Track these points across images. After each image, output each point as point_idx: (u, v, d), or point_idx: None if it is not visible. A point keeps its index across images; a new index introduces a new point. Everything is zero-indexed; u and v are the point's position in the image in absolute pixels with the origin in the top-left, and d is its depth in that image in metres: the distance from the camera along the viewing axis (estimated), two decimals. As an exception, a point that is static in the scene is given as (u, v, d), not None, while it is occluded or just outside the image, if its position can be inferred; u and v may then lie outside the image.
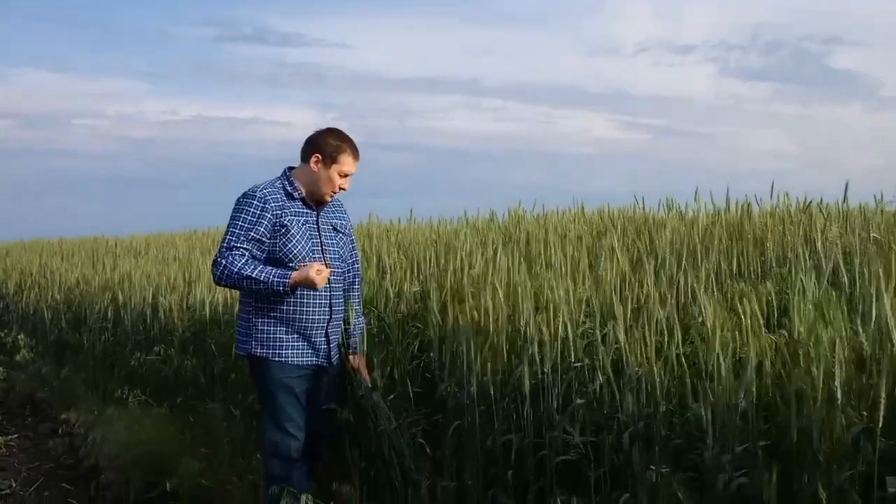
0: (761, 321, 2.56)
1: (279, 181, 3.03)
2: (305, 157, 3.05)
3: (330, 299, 3.04)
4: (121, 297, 5.93)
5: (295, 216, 2.97)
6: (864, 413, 2.03)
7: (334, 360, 3.09)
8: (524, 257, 3.44)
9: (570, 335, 2.82)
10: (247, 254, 2.92)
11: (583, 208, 4.85)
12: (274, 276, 2.89)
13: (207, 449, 3.95)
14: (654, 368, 2.52)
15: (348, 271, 3.16)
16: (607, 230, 4.02)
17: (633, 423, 2.53)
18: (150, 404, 4.97)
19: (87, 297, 6.44)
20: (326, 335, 3.05)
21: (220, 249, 2.95)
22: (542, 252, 3.59)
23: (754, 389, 2.30)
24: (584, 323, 2.90)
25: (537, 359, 2.84)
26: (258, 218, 2.92)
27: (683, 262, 3.19)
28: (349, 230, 3.18)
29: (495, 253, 3.38)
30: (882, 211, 3.89)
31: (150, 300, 5.59)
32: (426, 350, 3.49)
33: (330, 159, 3.01)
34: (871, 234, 3.13)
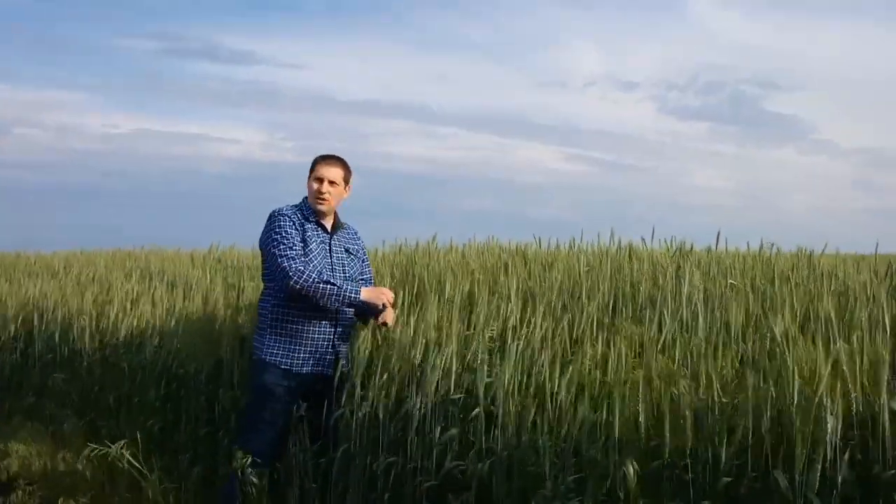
0: (625, 360, 2.78)
1: (298, 206, 3.34)
2: None
3: (336, 313, 3.29)
4: (34, 319, 5.87)
5: (312, 235, 3.29)
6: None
7: (343, 368, 3.25)
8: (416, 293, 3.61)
9: (454, 369, 2.99)
10: (306, 261, 3.17)
11: (475, 244, 4.98)
12: (349, 286, 3.21)
13: (104, 475, 3.97)
14: (511, 402, 2.74)
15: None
16: (506, 267, 4.20)
17: (498, 453, 2.72)
18: (58, 423, 4.95)
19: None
20: (333, 346, 3.30)
21: (281, 258, 3.15)
22: (435, 287, 3.75)
23: (586, 424, 2.49)
24: (473, 357, 3.05)
25: (429, 389, 3.00)
26: (293, 230, 3.23)
27: (574, 300, 3.41)
28: (361, 254, 3.50)
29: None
30: (761, 256, 4.17)
31: (61, 322, 5.54)
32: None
33: (310, 172, 3.35)
34: (730, 281, 3.40)
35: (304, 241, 3.25)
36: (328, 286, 3.15)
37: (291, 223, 3.25)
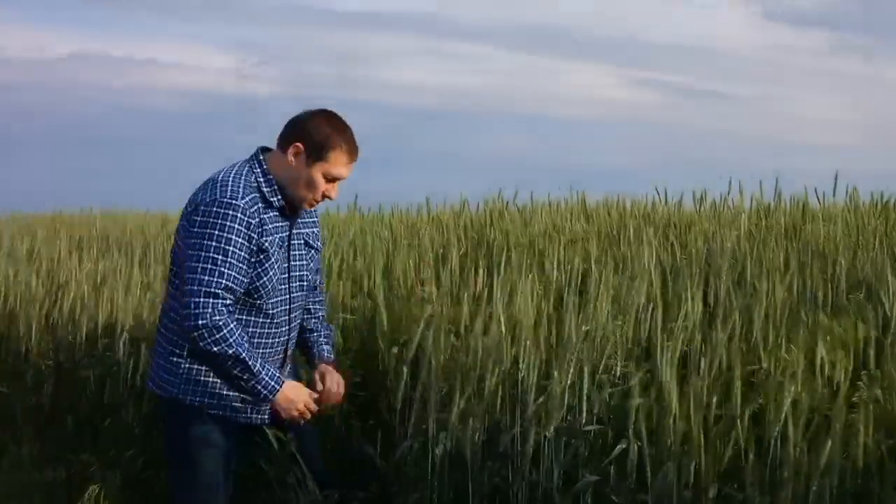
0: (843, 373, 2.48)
1: (253, 176, 2.74)
2: (284, 142, 2.75)
3: (286, 345, 2.90)
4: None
5: (271, 230, 2.74)
6: None
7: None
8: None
9: (585, 384, 2.78)
10: (233, 307, 2.69)
11: (584, 200, 4.69)
12: (267, 377, 2.70)
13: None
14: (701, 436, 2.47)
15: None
16: (620, 233, 3.88)
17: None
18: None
19: None
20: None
21: (196, 291, 2.62)
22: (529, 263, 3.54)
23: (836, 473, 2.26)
24: (608, 368, 2.87)
25: (542, 415, 2.81)
26: (243, 240, 2.66)
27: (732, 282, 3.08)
28: (320, 245, 3.01)
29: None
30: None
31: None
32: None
33: (316, 155, 2.71)
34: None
35: (259, 248, 2.71)
36: (239, 365, 2.65)
37: (246, 226, 2.66)
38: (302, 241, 2.85)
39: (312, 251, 2.89)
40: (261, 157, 2.75)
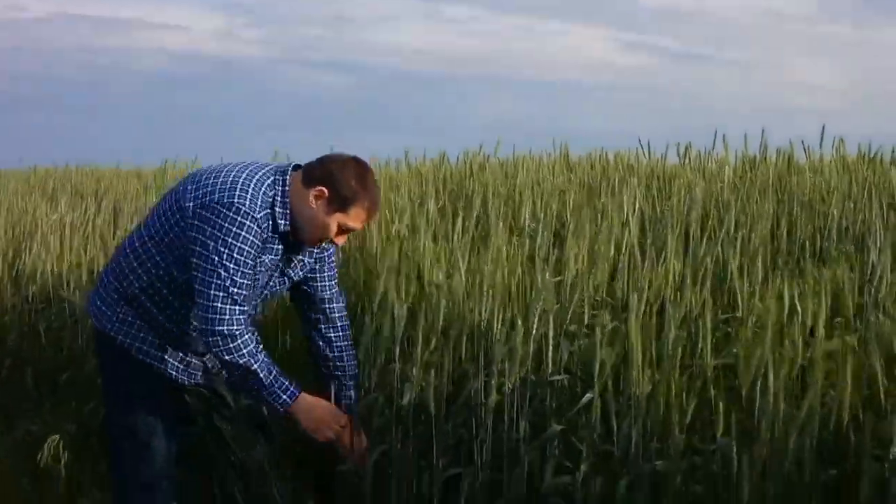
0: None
1: (273, 192, 2.77)
2: (309, 181, 2.76)
3: None
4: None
5: (265, 253, 2.80)
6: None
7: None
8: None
9: (551, 334, 2.73)
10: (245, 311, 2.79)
11: (567, 153, 4.61)
12: (279, 389, 2.77)
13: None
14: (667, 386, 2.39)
15: (322, 300, 3.03)
16: (602, 184, 3.80)
17: (635, 464, 2.48)
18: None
19: None
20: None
21: (215, 296, 2.70)
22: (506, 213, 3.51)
23: (817, 424, 2.19)
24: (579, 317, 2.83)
25: (506, 366, 2.75)
26: (253, 250, 2.74)
27: (713, 231, 2.99)
28: (300, 273, 2.98)
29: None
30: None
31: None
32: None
33: (338, 205, 2.75)
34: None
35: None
36: (250, 376, 2.75)
37: (260, 240, 2.74)
38: (279, 272, 2.89)
39: (284, 279, 2.91)
40: (287, 177, 2.76)
